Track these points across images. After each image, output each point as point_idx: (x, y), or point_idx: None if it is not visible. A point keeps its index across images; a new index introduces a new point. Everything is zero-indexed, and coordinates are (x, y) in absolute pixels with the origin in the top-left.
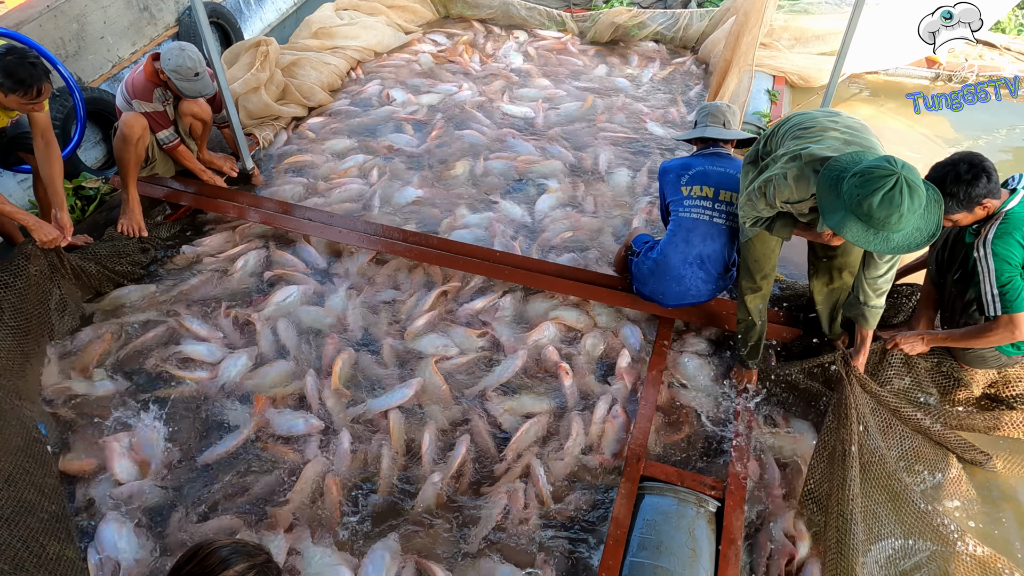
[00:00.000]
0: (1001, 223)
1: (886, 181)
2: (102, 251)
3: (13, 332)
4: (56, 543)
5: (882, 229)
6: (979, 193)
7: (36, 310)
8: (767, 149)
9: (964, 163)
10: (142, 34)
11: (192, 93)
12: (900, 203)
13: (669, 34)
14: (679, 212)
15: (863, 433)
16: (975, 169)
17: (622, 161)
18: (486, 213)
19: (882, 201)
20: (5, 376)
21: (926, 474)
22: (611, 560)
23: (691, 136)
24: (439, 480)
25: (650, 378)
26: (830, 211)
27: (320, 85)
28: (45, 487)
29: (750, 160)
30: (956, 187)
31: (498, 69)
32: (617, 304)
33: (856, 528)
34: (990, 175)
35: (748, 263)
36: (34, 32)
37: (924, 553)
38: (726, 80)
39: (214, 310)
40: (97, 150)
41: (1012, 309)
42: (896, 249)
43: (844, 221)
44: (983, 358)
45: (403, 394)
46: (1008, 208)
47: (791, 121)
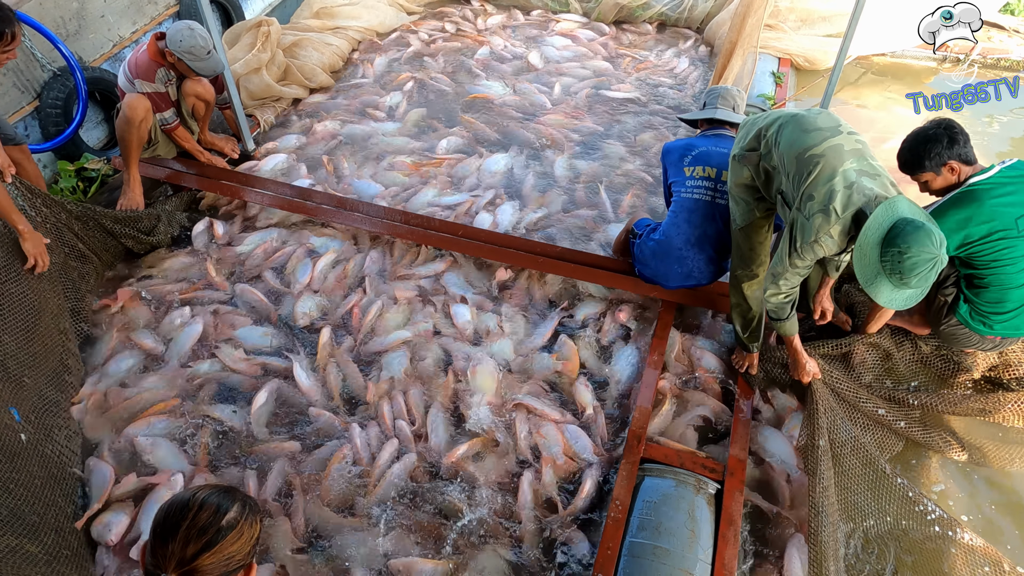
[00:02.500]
0: (960, 190)
1: (932, 259)
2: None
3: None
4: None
5: (905, 287)
6: (941, 152)
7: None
8: (761, 151)
9: (935, 124)
10: (143, 13)
11: (206, 72)
12: (929, 276)
13: (674, 15)
14: (681, 193)
15: (831, 426)
16: (942, 131)
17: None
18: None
19: (919, 277)
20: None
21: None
22: (611, 540)
23: (700, 117)
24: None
25: (650, 361)
26: (867, 272)
27: (322, 66)
28: (9, 482)
29: (746, 161)
30: (923, 145)
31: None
32: (619, 287)
33: (827, 520)
34: (955, 139)
35: (743, 251)
36: (34, 11)
37: (905, 538)
38: (731, 62)
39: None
40: (99, 130)
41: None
42: (904, 304)
43: (877, 281)
44: (954, 335)
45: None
46: (973, 180)
47: (784, 133)
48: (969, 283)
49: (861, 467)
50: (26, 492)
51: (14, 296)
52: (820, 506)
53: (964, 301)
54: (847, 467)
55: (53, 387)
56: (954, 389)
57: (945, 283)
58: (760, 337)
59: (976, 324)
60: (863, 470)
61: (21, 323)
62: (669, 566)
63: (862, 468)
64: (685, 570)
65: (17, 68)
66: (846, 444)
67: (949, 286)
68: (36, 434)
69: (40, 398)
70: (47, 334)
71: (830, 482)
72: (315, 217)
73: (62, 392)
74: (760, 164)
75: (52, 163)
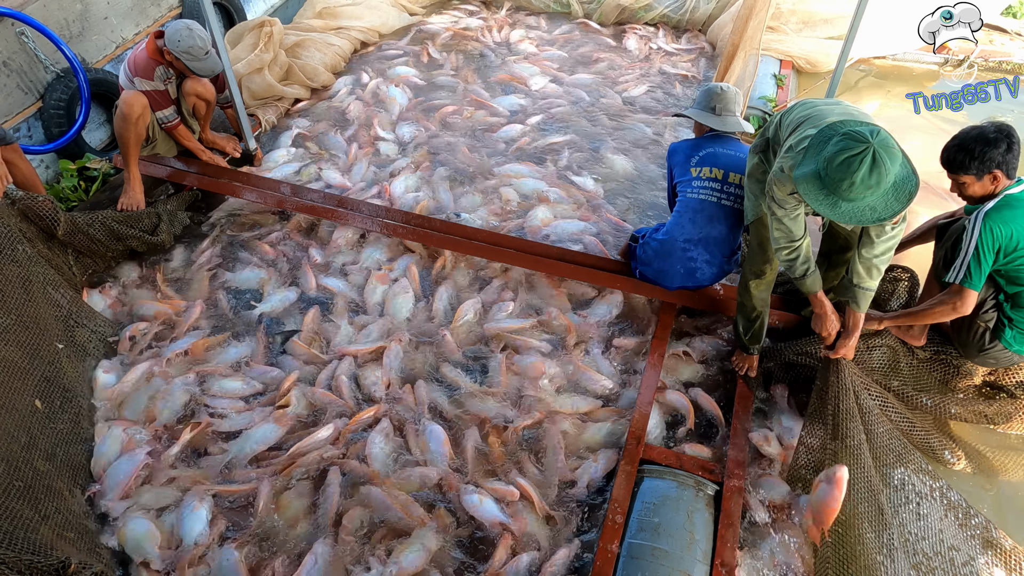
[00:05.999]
0: (1000, 200)
1: (856, 146)
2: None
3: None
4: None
5: (833, 193)
6: (994, 157)
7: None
8: (776, 138)
9: (993, 126)
10: (146, 15)
11: (204, 72)
12: (856, 171)
13: (676, 16)
14: (687, 193)
15: (855, 405)
16: (1000, 134)
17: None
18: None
19: (841, 164)
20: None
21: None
22: (610, 541)
23: (722, 128)
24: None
25: (650, 362)
26: (805, 165)
27: (324, 66)
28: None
29: (759, 149)
30: (976, 144)
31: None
32: (619, 288)
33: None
34: (1011, 146)
35: (752, 247)
36: (38, 13)
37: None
38: (733, 64)
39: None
40: (101, 131)
41: (966, 284)
42: (839, 217)
43: (808, 175)
44: (996, 359)
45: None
46: (1010, 192)
47: (794, 112)
48: (1014, 303)
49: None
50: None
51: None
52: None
53: (1008, 326)
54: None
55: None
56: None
57: (983, 308)
58: (761, 340)
59: (1021, 346)
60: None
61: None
62: (668, 567)
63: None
64: (684, 571)
65: (20, 69)
66: (872, 411)
67: (988, 311)
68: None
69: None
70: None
71: (860, 441)
72: (315, 216)
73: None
74: (769, 147)
75: (54, 163)
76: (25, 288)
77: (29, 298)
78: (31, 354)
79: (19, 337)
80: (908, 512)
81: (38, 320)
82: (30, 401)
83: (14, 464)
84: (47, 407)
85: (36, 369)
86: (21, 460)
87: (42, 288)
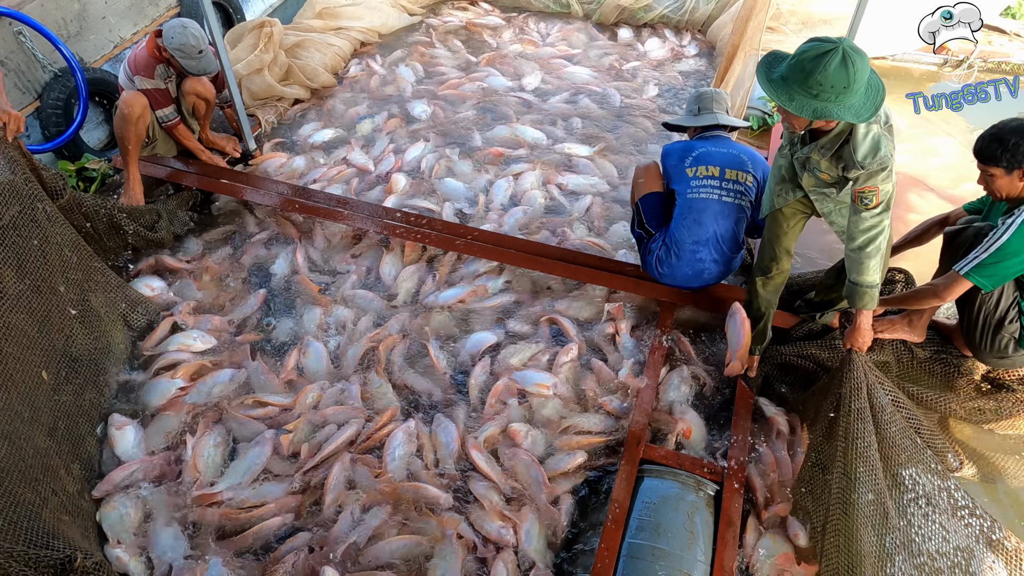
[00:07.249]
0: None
1: (827, 44)
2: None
3: None
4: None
5: (803, 87)
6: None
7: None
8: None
9: None
10: (144, 14)
11: (197, 71)
12: (828, 64)
13: (675, 17)
14: (687, 194)
15: (868, 399)
16: None
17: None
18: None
19: (814, 58)
20: None
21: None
22: (610, 541)
23: (697, 124)
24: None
25: (651, 362)
26: (776, 71)
27: (324, 67)
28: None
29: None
30: (1012, 135)
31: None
32: (619, 288)
33: (865, 486)
34: None
35: (762, 242)
36: (36, 12)
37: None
38: (732, 65)
39: None
40: (100, 131)
41: (966, 274)
42: (794, 108)
43: (780, 75)
44: (1013, 361)
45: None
46: None
47: None
48: None
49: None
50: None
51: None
52: (854, 472)
53: None
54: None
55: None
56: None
57: (1008, 319)
58: (764, 341)
59: None
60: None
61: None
62: (668, 567)
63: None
64: (684, 571)
65: (18, 69)
66: (885, 408)
67: (1013, 321)
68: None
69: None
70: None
71: (870, 443)
72: (315, 216)
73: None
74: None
75: (52, 163)
76: (42, 250)
77: (45, 261)
78: (47, 320)
79: (35, 303)
80: (916, 513)
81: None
82: (38, 372)
83: (17, 444)
84: (52, 378)
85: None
86: (23, 437)
87: (58, 250)
